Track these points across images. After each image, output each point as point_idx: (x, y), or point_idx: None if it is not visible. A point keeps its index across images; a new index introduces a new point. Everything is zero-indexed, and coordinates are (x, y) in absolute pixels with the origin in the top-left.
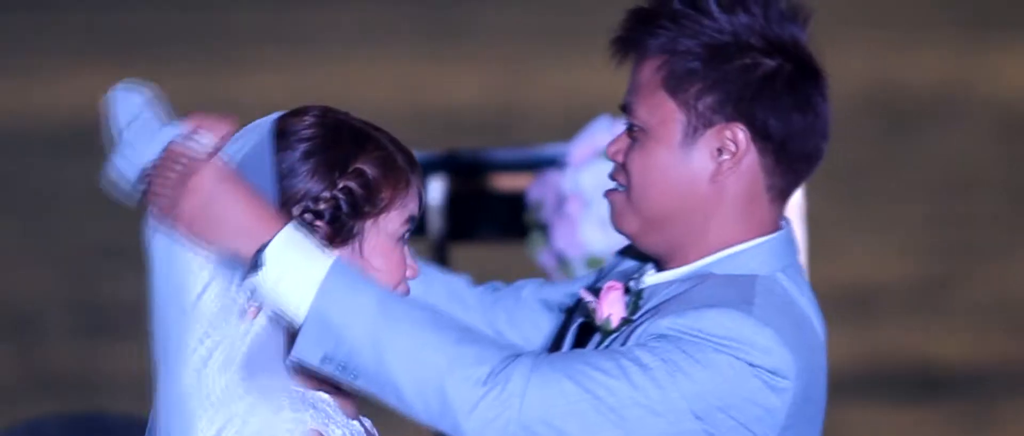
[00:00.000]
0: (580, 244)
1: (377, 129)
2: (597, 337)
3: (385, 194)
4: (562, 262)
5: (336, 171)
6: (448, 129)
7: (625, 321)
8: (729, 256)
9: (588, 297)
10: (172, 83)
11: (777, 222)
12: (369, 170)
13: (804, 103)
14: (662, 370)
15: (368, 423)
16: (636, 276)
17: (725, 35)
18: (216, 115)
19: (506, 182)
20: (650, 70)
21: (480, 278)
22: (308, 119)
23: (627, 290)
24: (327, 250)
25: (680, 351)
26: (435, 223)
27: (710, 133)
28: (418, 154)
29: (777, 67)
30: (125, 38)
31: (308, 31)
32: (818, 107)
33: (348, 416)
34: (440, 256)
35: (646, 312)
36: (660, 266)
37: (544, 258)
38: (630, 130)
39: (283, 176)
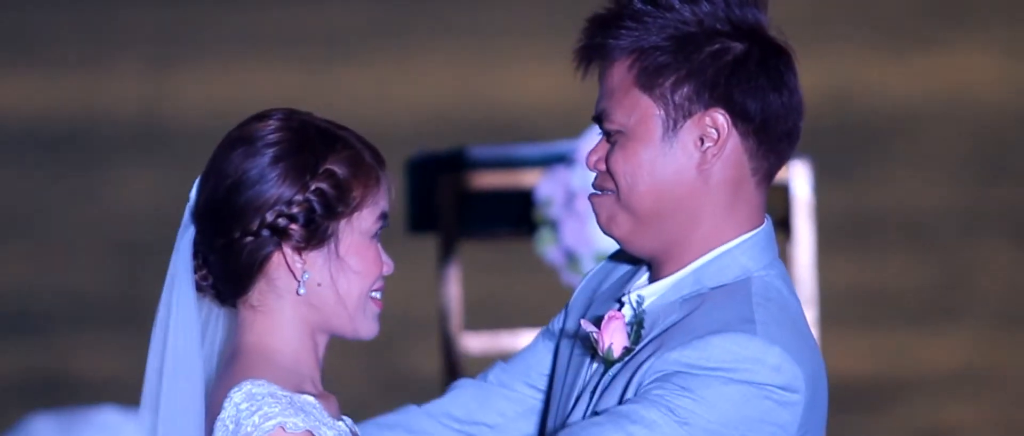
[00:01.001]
0: (589, 241)
1: (342, 128)
2: (599, 368)
3: (357, 193)
4: (571, 258)
5: (307, 174)
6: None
7: (627, 350)
8: (719, 256)
9: (590, 328)
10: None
11: (762, 212)
12: (339, 170)
13: (778, 82)
14: (671, 422)
15: (349, 421)
16: (627, 286)
17: (690, 25)
18: None
19: (515, 179)
20: (620, 72)
21: (489, 273)
22: (273, 123)
23: (624, 307)
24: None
25: (686, 395)
26: (445, 220)
27: (690, 123)
28: (426, 152)
29: (747, 49)
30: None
31: (287, 30)
32: (792, 85)
33: (333, 417)
34: (450, 253)
35: (649, 341)
36: (652, 271)
37: (553, 254)
38: (608, 137)
39: (253, 183)
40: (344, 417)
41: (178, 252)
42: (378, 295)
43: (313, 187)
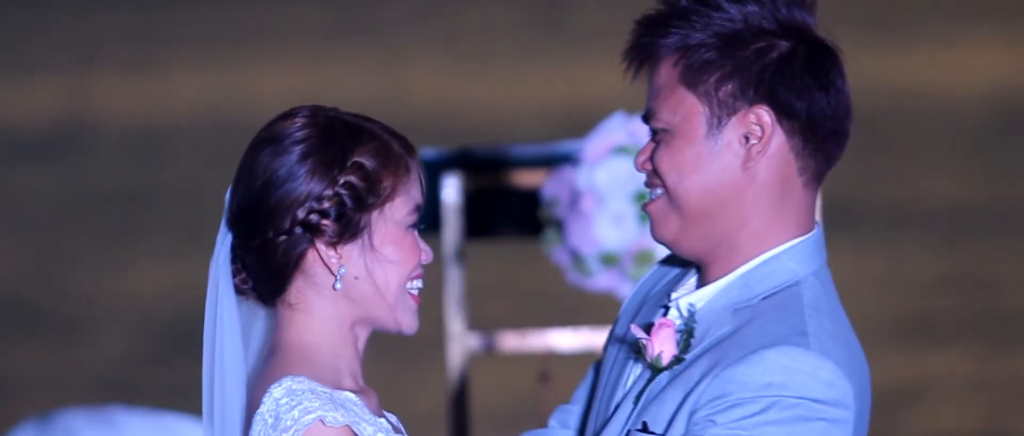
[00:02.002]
0: (594, 241)
1: (368, 119)
2: (645, 373)
3: (387, 183)
4: (576, 258)
5: (335, 168)
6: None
7: (676, 359)
8: (767, 261)
9: (639, 334)
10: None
11: (811, 216)
12: (367, 162)
13: (824, 81)
14: None
15: (394, 419)
16: (674, 290)
17: (736, 23)
18: None
19: (521, 179)
20: (666, 70)
21: (493, 274)
22: (299, 120)
23: (670, 312)
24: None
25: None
26: (451, 220)
27: (734, 120)
28: (434, 152)
29: (792, 48)
30: None
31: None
32: (838, 85)
33: (373, 413)
34: (456, 253)
35: (701, 353)
36: (700, 274)
37: (558, 254)
38: (654, 136)
39: (283, 182)
40: (387, 414)
41: (217, 259)
42: (416, 288)
43: (342, 181)
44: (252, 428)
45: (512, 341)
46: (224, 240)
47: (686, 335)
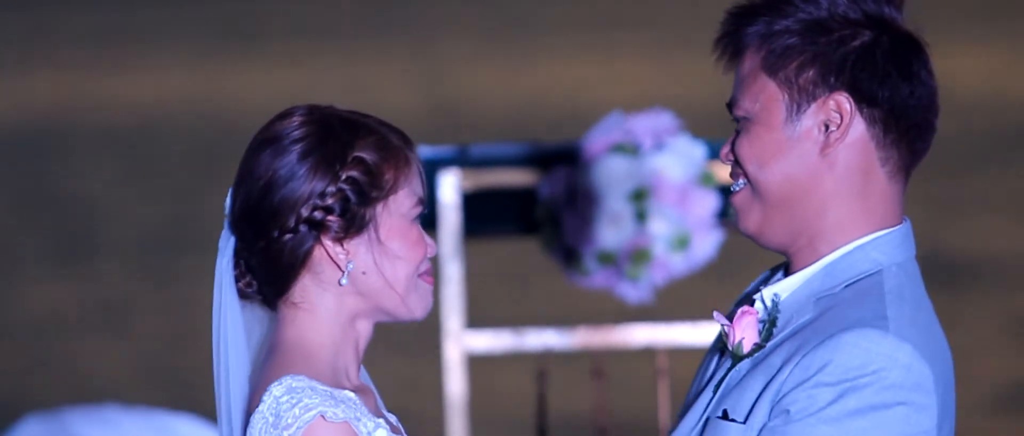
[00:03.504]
0: (591, 239)
1: (364, 115)
2: (727, 362)
3: (389, 176)
4: (573, 257)
5: (337, 164)
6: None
7: (757, 347)
8: (851, 251)
9: (722, 320)
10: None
11: (898, 209)
12: (368, 156)
13: (907, 72)
14: None
15: (394, 418)
16: (766, 284)
17: (821, 11)
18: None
19: (518, 177)
20: (750, 59)
21: (491, 272)
22: (296, 119)
23: (756, 303)
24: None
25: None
26: (448, 218)
27: (814, 107)
28: (432, 150)
29: (875, 37)
30: None
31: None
32: (922, 78)
33: (372, 411)
34: (454, 251)
35: (782, 340)
36: (787, 268)
37: (555, 253)
38: (737, 125)
39: (285, 181)
40: (387, 413)
41: (221, 263)
42: (426, 271)
43: (344, 176)
44: (252, 426)
45: (509, 339)
46: (227, 244)
47: (769, 324)
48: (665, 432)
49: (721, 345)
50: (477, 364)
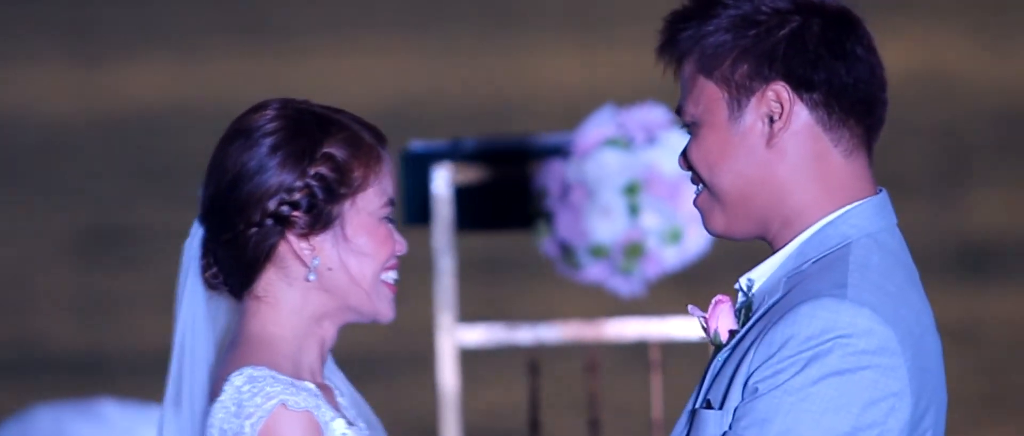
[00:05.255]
0: (584, 233)
1: (339, 111)
2: (713, 352)
3: (358, 173)
4: (566, 250)
5: (305, 159)
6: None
7: (733, 333)
8: (822, 228)
9: (698, 314)
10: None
11: (865, 183)
12: (338, 152)
13: (841, 52)
14: None
15: (353, 414)
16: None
17: (748, 5)
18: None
19: (511, 171)
20: (689, 64)
21: (485, 266)
22: (269, 113)
23: (740, 301)
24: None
25: (787, 411)
26: (441, 212)
27: (754, 101)
28: (425, 144)
29: (804, 21)
30: None
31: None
32: (860, 54)
33: (333, 408)
34: (446, 245)
35: (754, 323)
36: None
37: (548, 247)
38: (687, 131)
39: (253, 174)
40: (344, 412)
41: (188, 253)
42: (391, 277)
43: (312, 172)
44: (213, 416)
45: (501, 333)
46: (195, 234)
47: (745, 310)
48: (658, 425)
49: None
50: (470, 359)
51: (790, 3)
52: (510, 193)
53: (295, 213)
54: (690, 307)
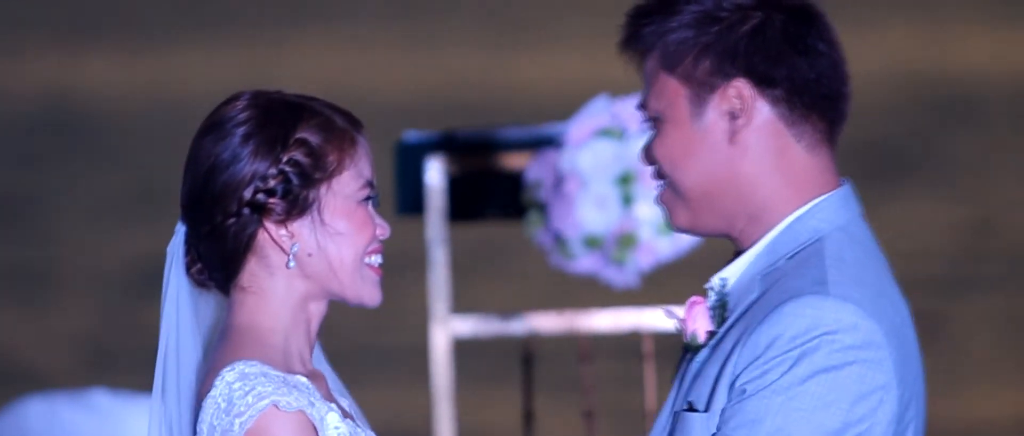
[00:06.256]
0: (577, 223)
1: (311, 98)
2: (689, 356)
3: (332, 157)
4: (559, 241)
5: (278, 146)
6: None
7: (711, 334)
8: (791, 224)
9: (674, 315)
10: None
11: (830, 176)
12: (311, 137)
13: (803, 47)
14: None
15: (347, 403)
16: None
17: (711, 3)
18: None
19: (505, 162)
20: (652, 60)
21: (478, 257)
22: (240, 104)
23: (711, 293)
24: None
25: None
26: (435, 203)
27: (715, 97)
28: (418, 134)
29: (766, 17)
30: None
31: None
32: (821, 49)
33: (324, 396)
34: (440, 236)
35: (733, 323)
36: (736, 253)
37: (542, 237)
38: (651, 126)
39: (227, 165)
40: (342, 398)
41: (172, 248)
42: (375, 261)
43: (286, 158)
44: (203, 410)
45: (496, 324)
46: (178, 232)
47: (720, 309)
48: (652, 416)
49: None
50: (463, 349)
51: (748, 2)
52: (503, 184)
53: (271, 200)
54: (666, 309)
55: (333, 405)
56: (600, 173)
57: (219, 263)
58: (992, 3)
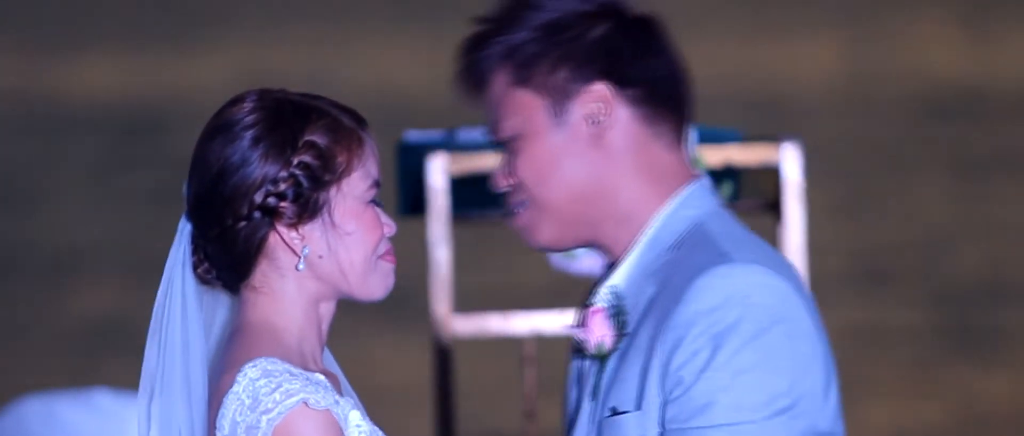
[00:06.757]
0: None
1: (317, 97)
2: (594, 366)
3: (342, 158)
4: None
5: (288, 149)
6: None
7: (619, 338)
8: (664, 221)
9: (574, 331)
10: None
11: (688, 170)
12: (319, 139)
13: (654, 49)
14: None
15: (352, 401)
16: (598, 286)
17: (554, 12)
18: None
19: None
20: (499, 80)
21: (480, 256)
22: (247, 105)
23: (603, 303)
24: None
25: (722, 414)
26: (436, 203)
27: (575, 103)
28: (420, 134)
29: (615, 24)
30: None
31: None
32: (669, 52)
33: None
34: (441, 236)
35: (640, 323)
36: (612, 263)
37: None
38: (505, 151)
39: (237, 168)
40: (348, 398)
41: (176, 247)
42: (387, 254)
43: (296, 161)
44: (224, 406)
45: (497, 324)
46: (183, 229)
47: (619, 314)
48: None
49: (582, 353)
50: (465, 349)
51: (594, 7)
52: None
53: (282, 204)
54: (566, 327)
55: (353, 403)
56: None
57: (229, 265)
58: None
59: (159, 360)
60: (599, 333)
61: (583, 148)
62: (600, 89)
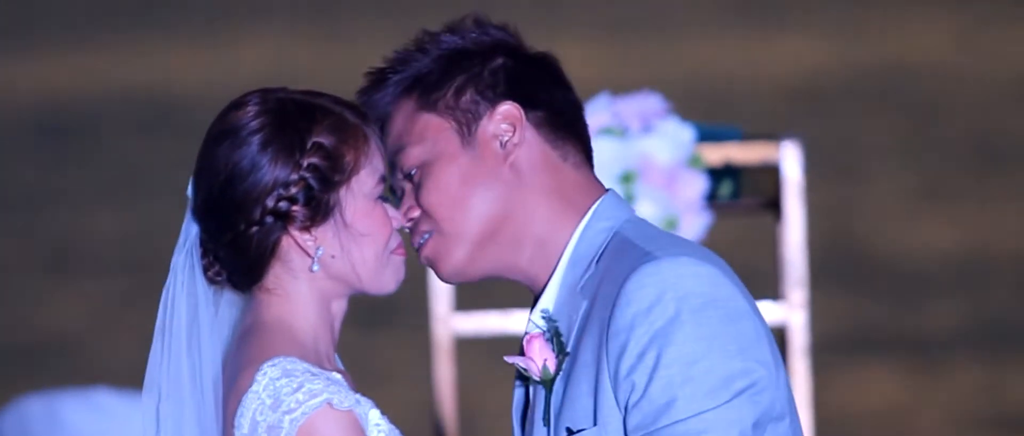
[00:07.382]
0: None
1: (318, 94)
2: (541, 391)
3: (349, 158)
4: None
5: (297, 152)
6: None
7: (561, 360)
8: (581, 235)
9: (515, 359)
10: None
11: (598, 185)
12: (327, 140)
13: (553, 79)
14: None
15: (370, 399)
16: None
17: (455, 42)
18: None
19: None
20: (403, 110)
21: None
22: (251, 109)
23: (536, 329)
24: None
25: (672, 404)
26: None
27: (483, 123)
28: None
29: (515, 56)
30: None
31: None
32: (567, 84)
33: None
34: None
35: (579, 339)
36: (536, 290)
37: None
38: (411, 181)
39: (247, 174)
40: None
41: (181, 248)
42: (399, 250)
43: (305, 163)
44: (243, 406)
45: (497, 322)
46: (188, 230)
47: (556, 336)
48: None
49: (526, 380)
50: (464, 347)
51: (493, 41)
52: None
53: (294, 208)
54: (506, 358)
55: (371, 401)
56: (601, 171)
57: (242, 269)
58: None
59: (164, 361)
60: (541, 358)
61: (494, 168)
62: (508, 109)
